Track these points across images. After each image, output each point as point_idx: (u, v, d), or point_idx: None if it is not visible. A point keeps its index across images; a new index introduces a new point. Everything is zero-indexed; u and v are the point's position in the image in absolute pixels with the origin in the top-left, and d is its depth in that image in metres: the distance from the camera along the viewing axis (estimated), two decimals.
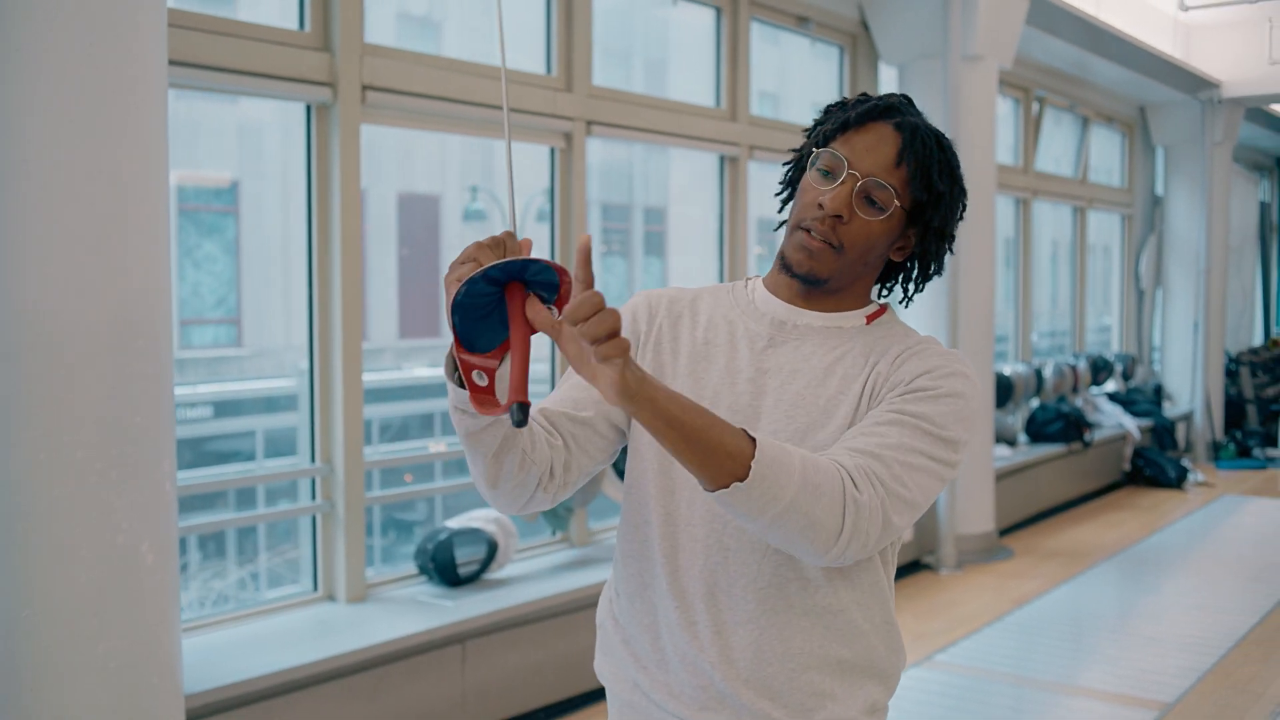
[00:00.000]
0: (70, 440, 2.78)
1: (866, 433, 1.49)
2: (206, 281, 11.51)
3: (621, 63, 9.51)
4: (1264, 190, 14.55)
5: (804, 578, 1.56)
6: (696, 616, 1.57)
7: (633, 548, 1.65)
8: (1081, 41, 8.08)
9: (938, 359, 1.58)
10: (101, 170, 2.80)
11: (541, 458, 1.53)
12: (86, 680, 2.81)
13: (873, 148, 1.56)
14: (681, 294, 1.72)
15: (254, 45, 3.86)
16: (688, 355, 1.65)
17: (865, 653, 1.59)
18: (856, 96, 1.63)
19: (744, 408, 1.59)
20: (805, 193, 1.59)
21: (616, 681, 1.68)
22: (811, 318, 1.64)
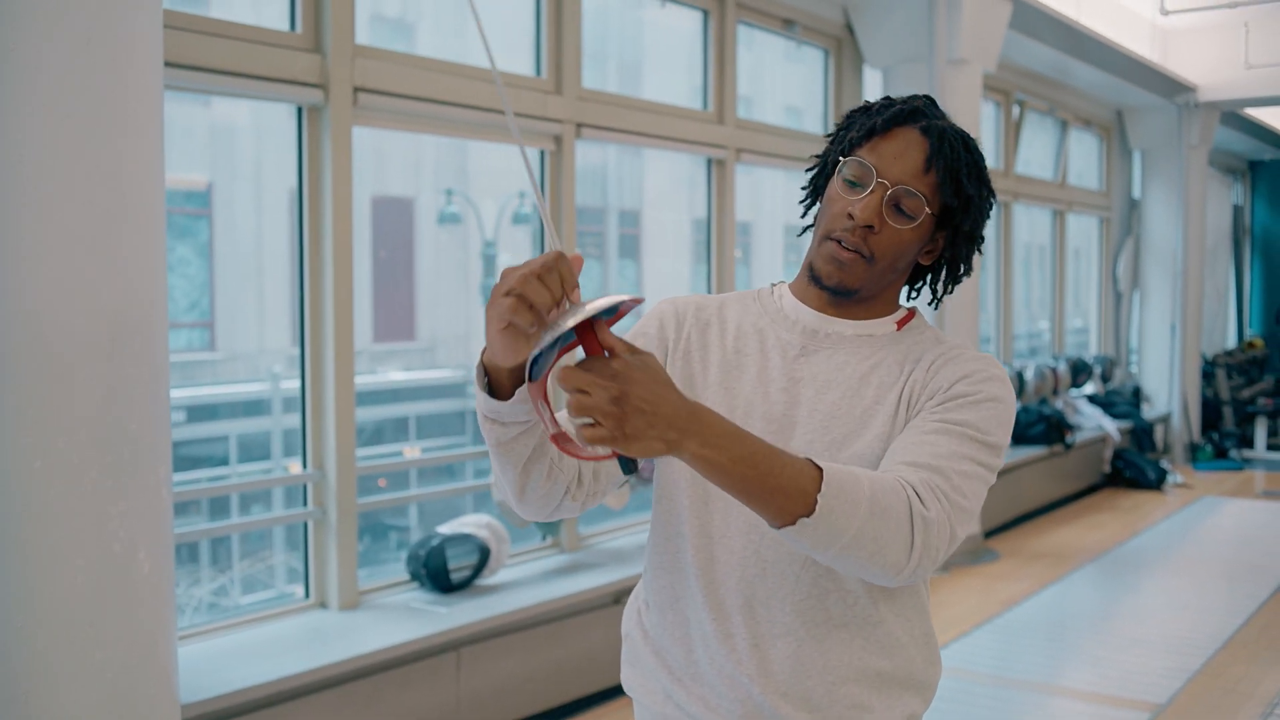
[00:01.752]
0: (65, 445, 2.73)
1: (918, 443, 1.46)
2: (180, 285, 11.41)
3: (597, 66, 9.50)
4: (1237, 194, 14.67)
5: (844, 589, 1.54)
6: (734, 629, 1.55)
7: (665, 560, 1.62)
8: (1062, 45, 8.12)
9: (974, 364, 1.56)
10: (97, 172, 2.75)
11: (569, 465, 1.50)
12: (83, 689, 2.77)
13: (900, 154, 1.54)
14: (708, 301, 1.69)
15: (245, 46, 3.82)
16: (718, 365, 1.62)
17: (904, 664, 1.58)
18: (880, 101, 1.61)
19: (778, 417, 1.57)
20: (833, 203, 1.56)
21: (647, 694, 1.65)
22: (843, 326, 1.62)
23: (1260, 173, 14.88)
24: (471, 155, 13.88)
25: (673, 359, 1.64)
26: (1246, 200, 14.90)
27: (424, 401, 13.42)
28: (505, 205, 13.77)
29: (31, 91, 2.66)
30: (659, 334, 1.66)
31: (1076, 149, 10.70)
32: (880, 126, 1.55)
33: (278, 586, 9.19)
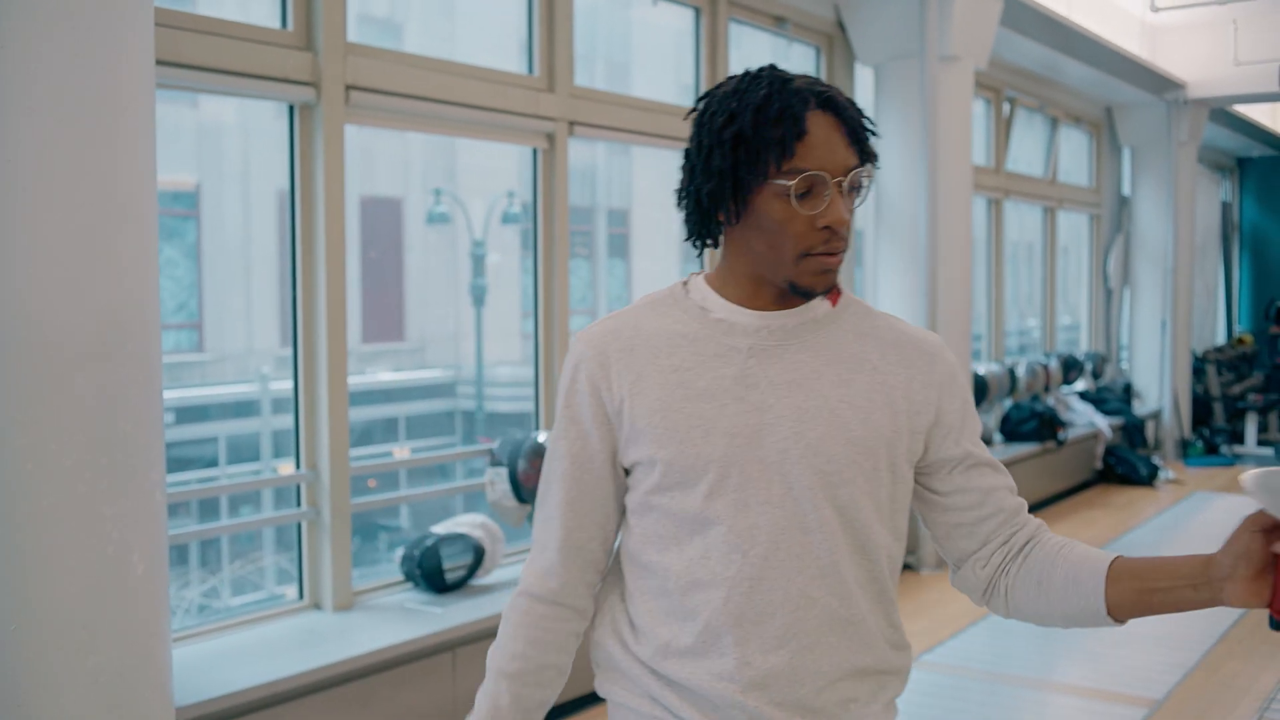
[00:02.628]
0: (58, 448, 2.71)
1: (1000, 487, 1.64)
2: (167, 286, 11.37)
3: (585, 66, 9.50)
4: (1226, 190, 14.71)
5: (836, 594, 1.54)
6: (725, 649, 1.53)
7: (650, 584, 1.59)
8: (1052, 42, 8.13)
9: (950, 370, 1.62)
10: (89, 173, 2.73)
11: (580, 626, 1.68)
12: (77, 693, 2.74)
13: (828, 142, 1.48)
14: (621, 323, 1.60)
15: (236, 44, 3.79)
16: (658, 388, 1.55)
17: (881, 656, 1.59)
18: (756, 106, 1.48)
19: (743, 430, 1.52)
20: (791, 221, 1.48)
21: (631, 697, 1.62)
22: (785, 318, 1.57)
23: (1249, 169, 14.91)
24: (459, 155, 13.85)
25: (616, 416, 1.58)
26: (1235, 197, 14.94)
27: (413, 402, 13.39)
28: (494, 205, 13.75)
29: (23, 92, 2.63)
30: (591, 393, 1.59)
31: (1066, 146, 10.71)
32: (801, 131, 1.47)
33: (268, 588, 9.16)
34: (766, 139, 1.47)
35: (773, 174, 1.47)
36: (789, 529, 1.51)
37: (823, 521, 1.52)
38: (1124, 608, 1.54)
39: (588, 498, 1.61)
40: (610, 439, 1.59)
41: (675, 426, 1.53)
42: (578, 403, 1.60)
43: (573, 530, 1.61)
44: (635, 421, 1.55)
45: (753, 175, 1.48)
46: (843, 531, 1.53)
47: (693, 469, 1.52)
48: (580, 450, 1.60)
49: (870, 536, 1.55)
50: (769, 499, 1.51)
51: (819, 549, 1.52)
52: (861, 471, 1.53)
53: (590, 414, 1.59)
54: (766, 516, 1.51)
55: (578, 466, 1.60)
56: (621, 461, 1.60)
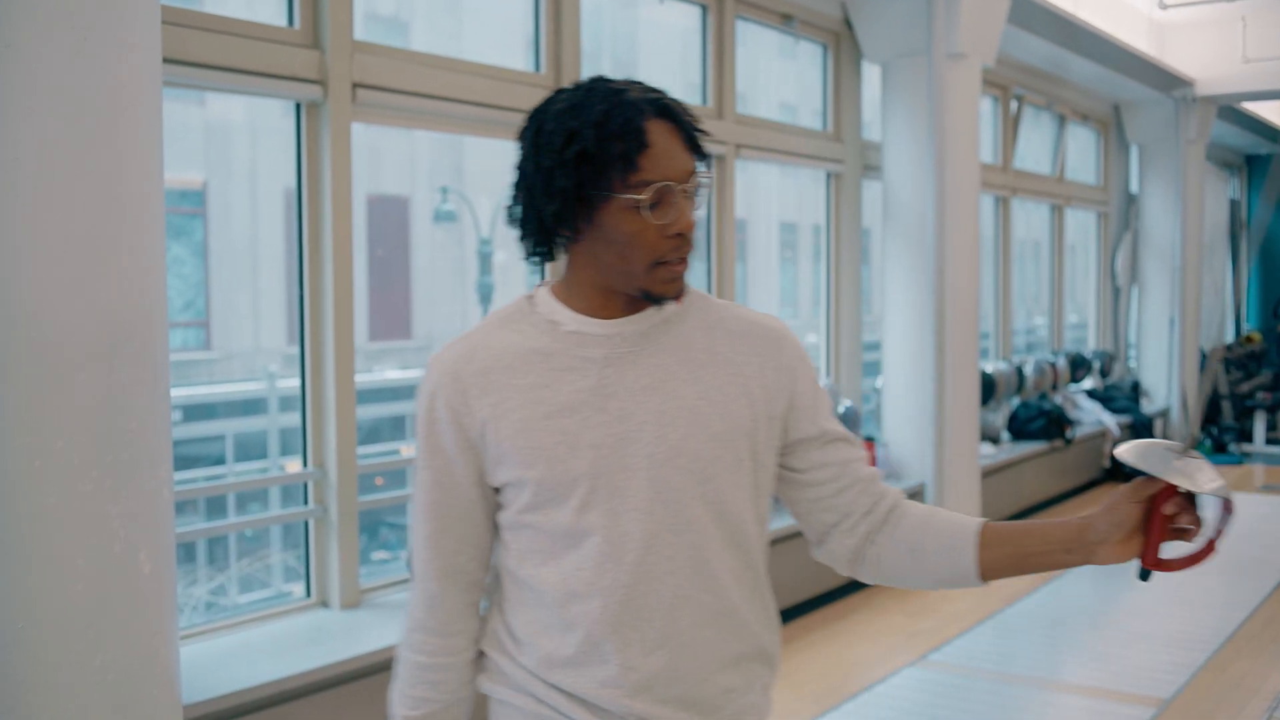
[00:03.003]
0: (64, 446, 2.70)
1: (855, 459, 1.68)
2: (175, 284, 11.37)
3: (591, 63, 9.50)
4: (1234, 188, 14.67)
5: (708, 589, 1.57)
6: (606, 655, 1.55)
7: (528, 595, 1.60)
8: (1059, 39, 8.10)
9: (798, 351, 1.67)
10: (95, 171, 2.73)
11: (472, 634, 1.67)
12: (84, 693, 2.74)
13: (669, 150, 1.50)
14: (471, 346, 1.60)
15: (242, 42, 3.79)
16: (518, 409, 1.55)
17: (753, 641, 1.63)
18: (595, 122, 1.48)
19: (607, 440, 1.54)
20: (643, 233, 1.49)
21: (516, 695, 1.63)
22: (635, 324, 1.59)
23: (1257, 167, 14.87)
24: (466, 153, 13.84)
25: (479, 440, 1.58)
26: (1243, 195, 14.90)
27: None
28: (500, 202, 13.74)
29: (28, 90, 2.63)
30: (451, 420, 1.58)
31: (1074, 144, 10.68)
32: (642, 142, 1.48)
33: (275, 585, 9.17)
34: (610, 155, 1.47)
35: (619, 188, 1.48)
36: (660, 532, 1.54)
37: (693, 520, 1.55)
38: (995, 570, 1.63)
39: (459, 523, 1.62)
40: (475, 463, 1.60)
41: (540, 445, 1.54)
42: (439, 431, 1.59)
43: (449, 556, 1.62)
44: (500, 443, 1.56)
45: (598, 191, 1.48)
46: (715, 527, 1.57)
47: (562, 485, 1.54)
48: (446, 478, 1.60)
49: (741, 527, 1.59)
50: (639, 506, 1.54)
51: (691, 548, 1.55)
52: (727, 465, 1.57)
53: (452, 440, 1.59)
54: (638, 523, 1.54)
55: (445, 494, 1.61)
56: (490, 482, 1.61)
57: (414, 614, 1.65)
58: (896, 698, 4.68)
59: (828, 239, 7.10)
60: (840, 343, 7.10)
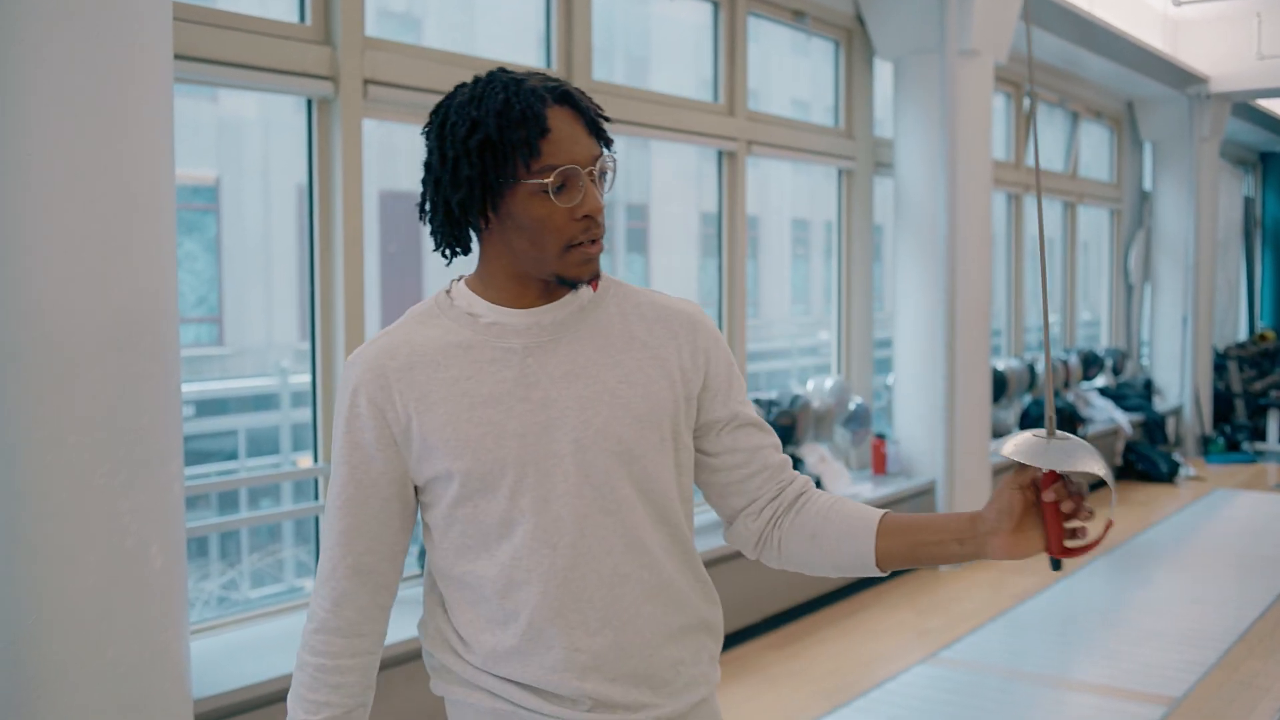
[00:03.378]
0: (76, 441, 2.72)
1: (766, 445, 1.70)
2: (187, 280, 11.40)
3: (604, 59, 9.50)
4: (1248, 185, 14.61)
5: (644, 565, 1.60)
6: (552, 641, 1.57)
7: (466, 594, 1.62)
8: (1073, 36, 8.08)
9: (713, 335, 1.69)
10: (106, 166, 2.74)
11: (379, 636, 1.67)
12: (94, 686, 2.76)
13: (572, 134, 1.53)
14: (393, 342, 1.61)
15: (254, 39, 3.79)
16: (443, 402, 1.57)
17: (693, 612, 1.66)
18: (497, 110, 1.50)
19: (532, 428, 1.56)
20: (552, 216, 1.52)
21: (471, 693, 1.63)
22: (553, 312, 1.61)
23: (1272, 164, 14.81)
24: None
25: (403, 436, 1.58)
26: (1257, 192, 14.84)
27: None
28: None
29: (39, 85, 2.64)
30: (374, 416, 1.59)
31: (1087, 141, 10.65)
32: (543, 128, 1.50)
33: (287, 580, 9.19)
34: (512, 141, 1.49)
35: (523, 174, 1.51)
36: (592, 514, 1.57)
37: (623, 500, 1.58)
38: (891, 559, 1.65)
39: (374, 521, 1.62)
40: (396, 461, 1.60)
41: (466, 436, 1.55)
42: (360, 427, 1.60)
43: (362, 554, 1.62)
44: (426, 438, 1.57)
45: (503, 179, 1.51)
46: (643, 505, 1.60)
47: (490, 474, 1.56)
48: (364, 475, 1.60)
49: (668, 504, 1.63)
50: (568, 490, 1.56)
51: (624, 526, 1.58)
52: (651, 445, 1.60)
53: (374, 437, 1.59)
54: (569, 507, 1.56)
55: (362, 490, 1.61)
56: (414, 480, 1.62)
57: (317, 615, 1.64)
58: (907, 695, 4.68)
59: (839, 236, 7.10)
60: (851, 339, 7.09)
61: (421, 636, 1.69)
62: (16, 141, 2.65)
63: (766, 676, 4.89)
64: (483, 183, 1.52)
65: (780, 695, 4.67)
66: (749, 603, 5.35)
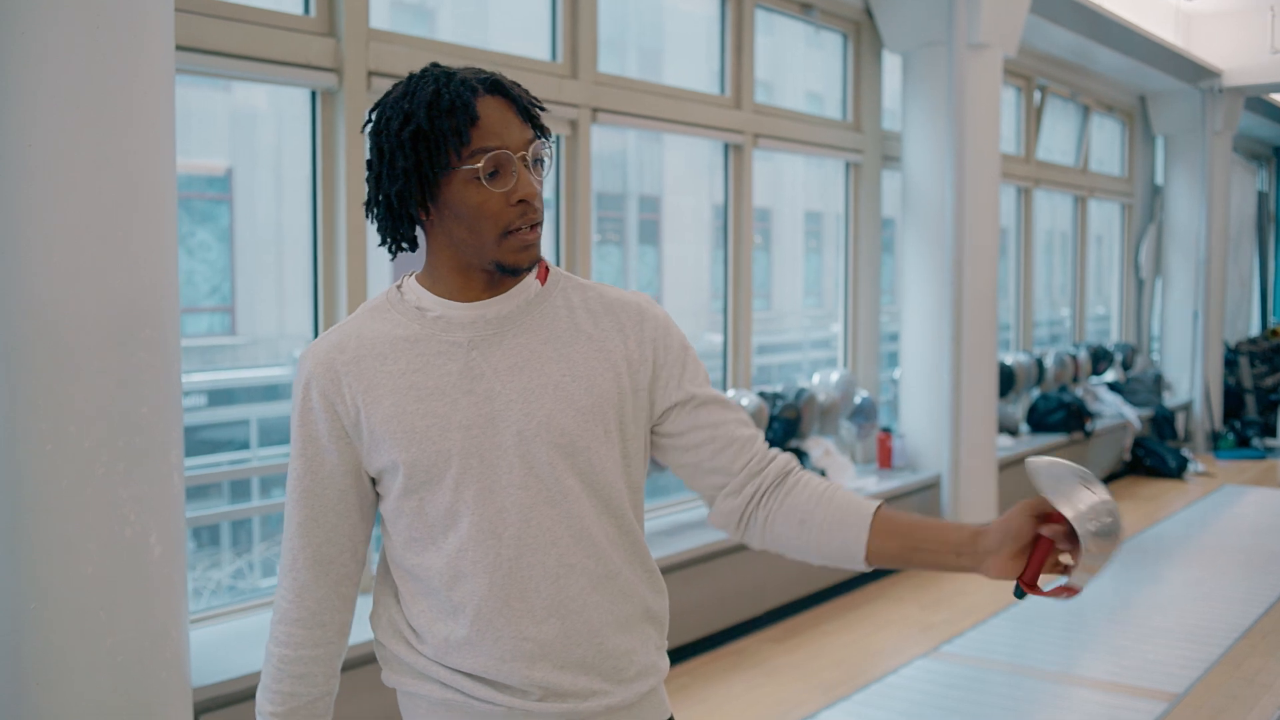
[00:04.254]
0: (76, 431, 2.74)
1: (729, 420, 1.68)
2: (200, 270, 11.44)
3: (616, 51, 9.48)
4: (1262, 180, 14.54)
5: (590, 555, 1.61)
6: (500, 631, 1.59)
7: (416, 586, 1.64)
8: (1083, 29, 8.05)
9: (661, 324, 1.69)
10: (107, 157, 2.75)
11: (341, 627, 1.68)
12: (94, 675, 2.78)
13: (503, 121, 1.55)
14: (343, 336, 1.64)
15: (258, 30, 3.81)
16: (390, 395, 1.60)
17: (639, 602, 1.68)
18: (427, 103, 1.53)
19: (476, 420, 1.58)
20: (487, 203, 1.54)
21: (422, 684, 1.64)
22: (499, 305, 1.63)
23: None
24: None
25: (354, 428, 1.61)
26: (1271, 186, 14.76)
27: None
28: None
29: (40, 78, 2.65)
30: (325, 409, 1.62)
31: (1099, 135, 10.61)
32: (473, 117, 1.53)
33: None
34: (443, 130, 1.52)
35: (455, 162, 1.54)
36: (537, 505, 1.59)
37: (567, 491, 1.60)
38: (881, 557, 1.64)
39: (332, 512, 1.64)
40: (350, 452, 1.63)
41: (412, 428, 1.58)
42: (313, 420, 1.63)
43: (321, 545, 1.64)
44: (373, 430, 1.60)
45: (437, 167, 1.54)
46: (588, 496, 1.61)
47: (435, 466, 1.58)
48: (319, 467, 1.63)
49: (614, 495, 1.64)
50: (513, 481, 1.58)
51: (569, 517, 1.60)
52: (595, 437, 1.61)
53: (326, 430, 1.62)
54: (513, 498, 1.58)
55: (318, 483, 1.64)
56: (368, 471, 1.64)
57: (280, 606, 1.67)
58: (908, 688, 4.68)
59: (846, 229, 7.09)
60: (859, 333, 7.09)
61: (373, 627, 1.70)
62: (17, 133, 2.66)
63: (766, 669, 4.89)
64: (418, 173, 1.55)
65: (780, 688, 4.68)
66: (750, 596, 5.35)
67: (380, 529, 1.69)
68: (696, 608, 5.02)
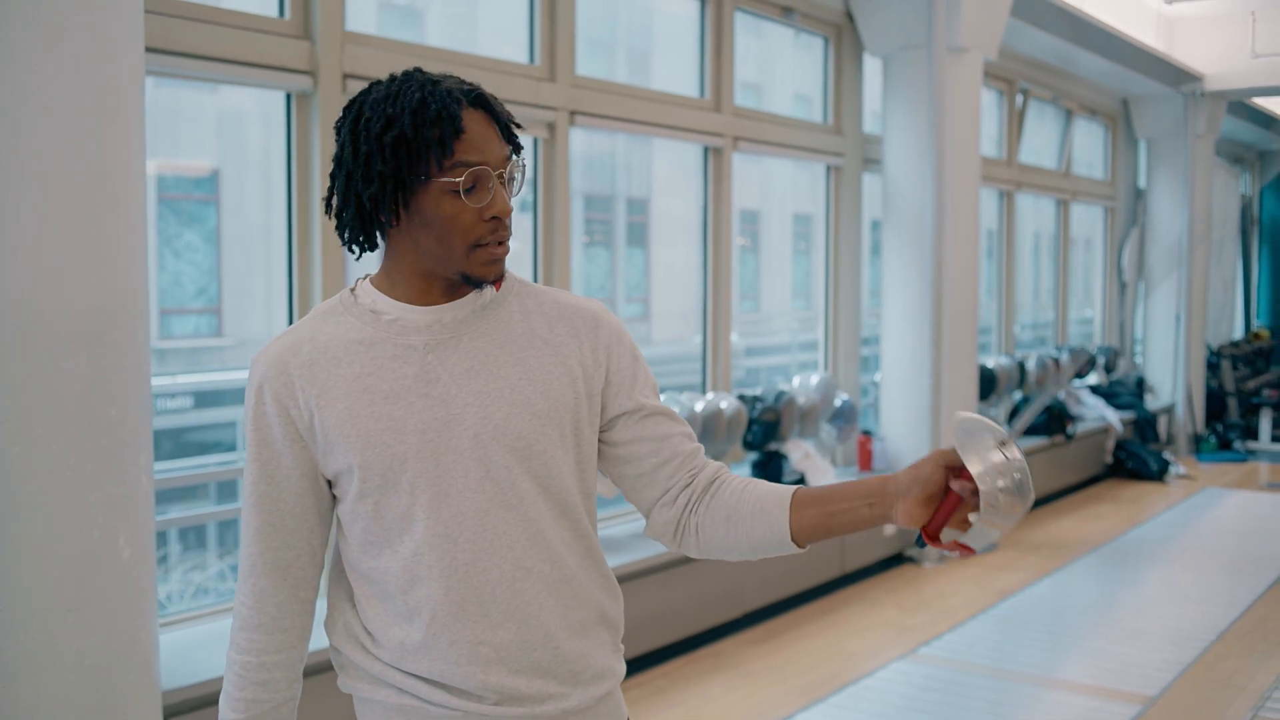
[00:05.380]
0: (44, 433, 2.73)
1: (675, 434, 1.69)
2: (187, 271, 11.41)
3: (605, 53, 9.48)
4: (1245, 183, 14.59)
5: (546, 559, 1.62)
6: (457, 636, 1.59)
7: (371, 591, 1.63)
8: (1065, 34, 8.07)
9: (615, 331, 1.70)
10: (76, 159, 2.75)
11: (301, 631, 1.67)
12: (61, 678, 2.77)
13: (484, 136, 1.55)
14: (296, 339, 1.63)
15: (232, 32, 3.80)
16: (344, 398, 1.59)
17: (595, 607, 1.68)
18: (412, 110, 1.52)
19: (432, 424, 1.58)
20: (460, 215, 1.54)
21: (378, 689, 1.64)
22: (455, 310, 1.63)
23: (1269, 163, 14.79)
24: None
25: (308, 431, 1.61)
26: (1255, 190, 14.82)
27: None
28: None
29: (7, 78, 2.65)
30: (279, 413, 1.61)
31: (1082, 138, 10.64)
32: (458, 128, 1.53)
33: None
34: (427, 139, 1.52)
35: (435, 173, 1.53)
36: (493, 509, 1.59)
37: (523, 495, 1.60)
38: (806, 532, 1.63)
39: (289, 517, 1.63)
40: (305, 455, 1.62)
41: (367, 432, 1.57)
42: (267, 424, 1.62)
43: (279, 550, 1.64)
44: (328, 433, 1.59)
45: (416, 176, 1.53)
46: (544, 500, 1.62)
47: (390, 470, 1.58)
48: (275, 471, 1.62)
49: (569, 499, 1.64)
50: (469, 485, 1.58)
51: (524, 521, 1.60)
52: (551, 441, 1.61)
53: (281, 434, 1.61)
54: (469, 502, 1.58)
55: (274, 487, 1.62)
56: (324, 473, 1.64)
57: (241, 612, 1.65)
58: (884, 691, 4.69)
59: (826, 232, 7.10)
60: (839, 336, 7.10)
61: (328, 633, 1.69)
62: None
63: (743, 672, 4.90)
64: (395, 179, 1.53)
65: (756, 690, 4.69)
66: (730, 598, 5.36)
67: (336, 532, 1.69)
68: (675, 610, 5.03)
